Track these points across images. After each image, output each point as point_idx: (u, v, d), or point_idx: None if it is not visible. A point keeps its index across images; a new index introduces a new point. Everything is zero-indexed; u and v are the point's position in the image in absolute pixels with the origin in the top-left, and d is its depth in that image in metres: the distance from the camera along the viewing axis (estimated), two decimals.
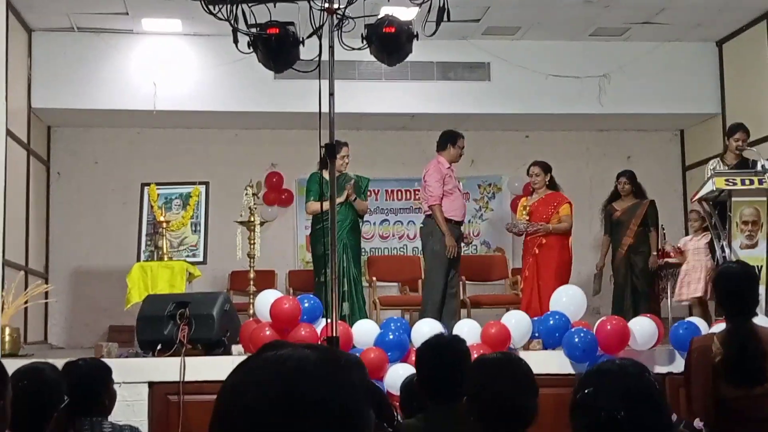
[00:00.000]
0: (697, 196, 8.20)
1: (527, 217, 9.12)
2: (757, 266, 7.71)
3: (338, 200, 8.21)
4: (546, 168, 9.37)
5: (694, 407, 4.65)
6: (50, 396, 3.61)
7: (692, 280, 9.07)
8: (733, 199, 7.84)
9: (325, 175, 8.66)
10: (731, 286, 4.79)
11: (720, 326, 5.00)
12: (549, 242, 8.94)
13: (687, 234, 10.04)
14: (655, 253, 9.53)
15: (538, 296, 8.79)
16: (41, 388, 3.60)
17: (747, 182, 7.81)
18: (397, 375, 6.20)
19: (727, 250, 7.82)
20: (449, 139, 9.00)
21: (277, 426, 1.32)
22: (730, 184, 7.83)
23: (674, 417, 4.35)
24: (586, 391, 2.37)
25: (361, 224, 9.06)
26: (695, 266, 9.08)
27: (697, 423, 4.47)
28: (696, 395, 4.75)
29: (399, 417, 4.06)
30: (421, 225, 9.26)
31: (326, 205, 8.38)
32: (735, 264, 5.90)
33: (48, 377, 3.71)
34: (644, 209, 9.64)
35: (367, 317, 8.43)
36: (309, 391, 1.34)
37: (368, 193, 9.69)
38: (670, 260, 9.42)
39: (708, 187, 7.98)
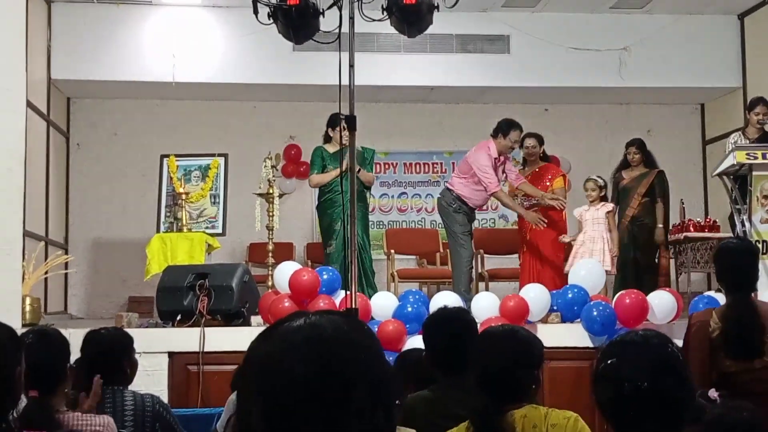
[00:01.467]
0: (717, 170, 8.14)
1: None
2: None
3: (338, 172, 8.21)
4: (540, 140, 9.29)
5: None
6: (57, 348, 3.67)
7: (593, 251, 8.45)
8: (754, 173, 7.77)
9: (329, 148, 8.73)
10: (732, 261, 4.83)
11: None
12: (544, 216, 8.81)
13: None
14: (660, 225, 9.27)
15: (537, 271, 8.76)
16: (47, 342, 3.66)
17: None
18: (415, 347, 6.22)
19: (747, 225, 7.77)
20: (500, 129, 8.73)
21: (319, 391, 1.32)
22: (751, 158, 7.76)
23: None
24: (609, 361, 2.37)
25: (368, 195, 9.03)
26: (593, 237, 8.49)
27: (712, 393, 4.48)
28: (693, 370, 4.76)
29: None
30: (439, 196, 9.18)
31: (331, 176, 8.48)
32: (735, 239, 5.91)
33: (51, 333, 3.81)
34: (651, 179, 9.34)
35: (374, 287, 8.45)
36: (349, 357, 1.35)
37: (377, 164, 9.63)
38: (690, 234, 9.28)
39: (729, 161, 7.92)
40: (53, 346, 3.66)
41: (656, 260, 9.44)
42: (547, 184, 9.09)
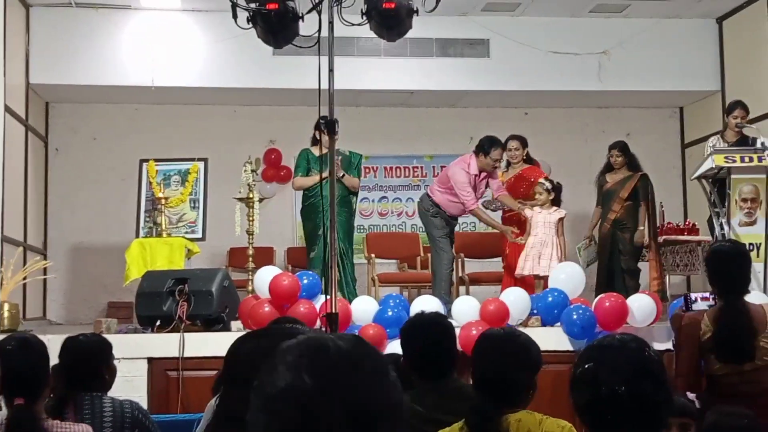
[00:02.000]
0: (696, 174, 8.19)
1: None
2: (756, 243, 7.74)
3: (324, 175, 8.20)
4: (524, 142, 9.32)
5: (678, 381, 4.69)
6: (36, 354, 3.65)
7: (541, 254, 8.48)
8: (732, 176, 7.83)
9: (315, 151, 8.73)
10: (723, 264, 4.86)
11: None
12: (527, 219, 8.83)
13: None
14: (641, 227, 9.22)
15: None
16: (27, 349, 3.64)
17: (746, 159, 7.80)
18: (395, 351, 6.21)
19: (726, 228, 7.82)
20: (482, 148, 8.70)
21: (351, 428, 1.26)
22: (730, 161, 7.82)
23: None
24: (586, 365, 2.37)
25: (354, 200, 9.02)
26: (544, 240, 8.50)
27: (690, 394, 4.53)
28: (680, 370, 4.80)
29: None
30: (419, 201, 9.22)
31: (314, 180, 8.48)
32: (727, 243, 5.94)
33: (31, 339, 3.77)
34: (634, 182, 9.29)
35: (355, 293, 8.45)
36: (386, 395, 1.30)
37: (362, 170, 9.65)
38: (669, 237, 9.30)
39: (707, 165, 7.97)
40: (34, 353, 3.65)
41: (638, 264, 9.41)
42: (529, 186, 9.10)
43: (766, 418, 4.02)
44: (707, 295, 5.21)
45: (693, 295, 5.34)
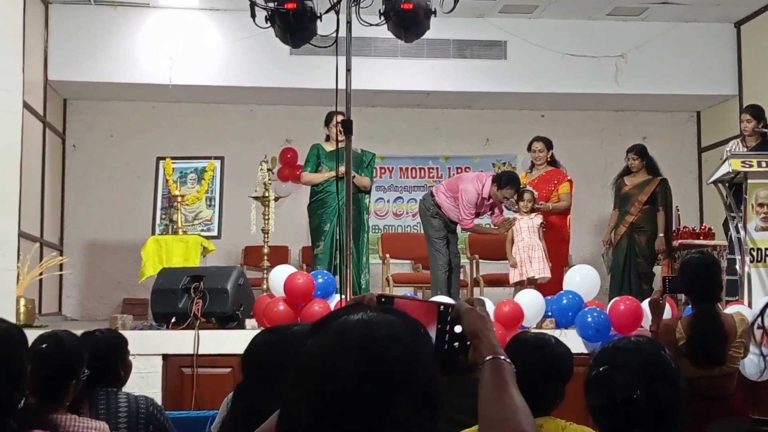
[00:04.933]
0: (712, 178, 8.16)
1: None
2: None
3: (332, 174, 8.24)
4: (548, 144, 9.32)
5: None
6: (70, 362, 3.62)
7: (532, 258, 8.53)
8: (749, 181, 7.79)
9: (326, 147, 8.74)
10: (695, 274, 5.11)
11: None
12: (547, 221, 8.85)
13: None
14: (661, 234, 9.17)
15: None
16: (61, 353, 3.62)
17: (763, 164, 7.76)
18: None
19: (742, 232, 7.79)
20: (499, 179, 8.69)
21: (365, 390, 1.33)
22: (746, 165, 7.78)
23: None
24: (601, 368, 2.37)
25: (366, 199, 9.01)
26: (531, 245, 8.54)
27: None
28: None
29: None
30: (421, 199, 9.23)
31: (323, 177, 8.49)
32: (698, 254, 6.14)
33: (68, 344, 3.72)
34: (654, 186, 9.23)
35: (360, 293, 8.45)
36: (400, 359, 1.36)
37: (375, 169, 9.65)
38: (684, 241, 9.27)
39: (724, 169, 7.93)
40: (65, 358, 3.62)
41: (653, 269, 9.38)
42: (552, 188, 9.11)
43: (735, 417, 4.52)
44: None
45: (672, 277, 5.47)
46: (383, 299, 1.72)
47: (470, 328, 1.71)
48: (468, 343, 1.72)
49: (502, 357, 1.65)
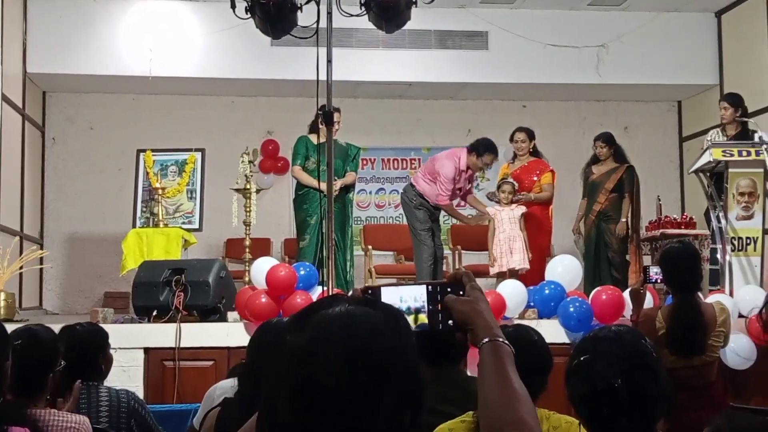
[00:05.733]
0: (694, 167, 8.18)
1: None
2: (753, 237, 7.74)
3: (318, 187, 8.21)
4: (531, 134, 9.30)
5: None
6: (46, 356, 3.59)
7: (512, 249, 8.56)
8: (730, 170, 7.82)
9: (313, 138, 8.72)
10: (675, 264, 5.16)
11: None
12: (530, 211, 8.84)
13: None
14: (624, 219, 9.07)
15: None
16: (37, 348, 3.58)
17: (744, 153, 7.80)
18: None
19: (723, 221, 7.82)
20: (477, 148, 8.67)
21: (349, 384, 1.32)
22: (727, 155, 7.81)
23: None
24: (582, 358, 2.37)
25: (351, 193, 9.02)
26: (512, 236, 8.56)
27: None
28: None
29: None
30: (402, 191, 9.19)
31: (312, 183, 8.47)
32: (678, 244, 6.14)
33: (43, 338, 3.68)
34: (620, 174, 9.14)
35: (349, 284, 8.46)
36: (381, 351, 1.36)
37: (360, 162, 9.64)
38: (666, 231, 9.28)
39: (705, 158, 7.96)
40: (41, 352, 3.59)
41: (626, 257, 9.35)
42: (535, 179, 9.10)
43: (714, 407, 4.54)
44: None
45: (653, 269, 5.48)
46: (369, 290, 1.71)
47: (461, 317, 1.69)
48: None
49: (500, 339, 1.63)
